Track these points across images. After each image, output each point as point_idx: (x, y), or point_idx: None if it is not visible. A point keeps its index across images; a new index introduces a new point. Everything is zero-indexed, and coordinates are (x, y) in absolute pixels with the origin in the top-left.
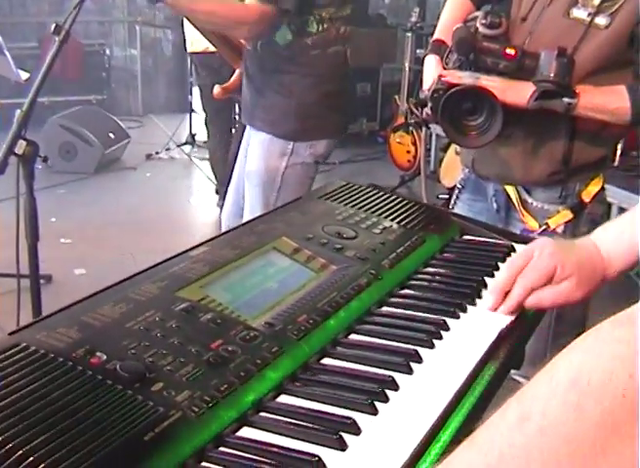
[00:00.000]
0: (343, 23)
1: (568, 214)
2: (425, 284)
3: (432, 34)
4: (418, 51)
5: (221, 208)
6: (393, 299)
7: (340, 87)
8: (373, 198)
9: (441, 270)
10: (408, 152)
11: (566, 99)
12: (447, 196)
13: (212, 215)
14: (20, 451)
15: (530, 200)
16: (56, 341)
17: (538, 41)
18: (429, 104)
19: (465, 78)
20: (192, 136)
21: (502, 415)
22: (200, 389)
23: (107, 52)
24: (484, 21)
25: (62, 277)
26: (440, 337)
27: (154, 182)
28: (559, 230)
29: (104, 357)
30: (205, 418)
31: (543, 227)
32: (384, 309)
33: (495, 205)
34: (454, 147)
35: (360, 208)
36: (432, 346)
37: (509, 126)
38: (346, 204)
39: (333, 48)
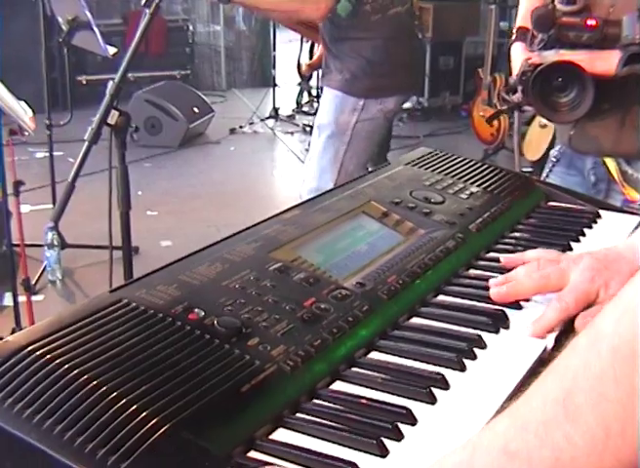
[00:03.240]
0: None
1: None
2: (512, 248)
3: (516, 6)
4: (501, 23)
5: None
6: (480, 262)
7: (406, 46)
8: (459, 165)
9: (526, 235)
10: (491, 126)
11: None
12: (530, 169)
13: (295, 188)
14: (124, 400)
15: (630, 171)
16: (155, 298)
17: (622, 11)
18: (520, 88)
19: (551, 56)
20: (276, 109)
21: (576, 341)
22: (294, 344)
23: (191, 28)
24: None
25: (149, 248)
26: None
27: (238, 156)
28: None
29: (202, 313)
30: (299, 372)
31: None
32: (472, 272)
33: (592, 178)
34: (537, 121)
35: (447, 174)
36: (520, 307)
37: (604, 99)
38: (433, 170)
39: (392, 10)
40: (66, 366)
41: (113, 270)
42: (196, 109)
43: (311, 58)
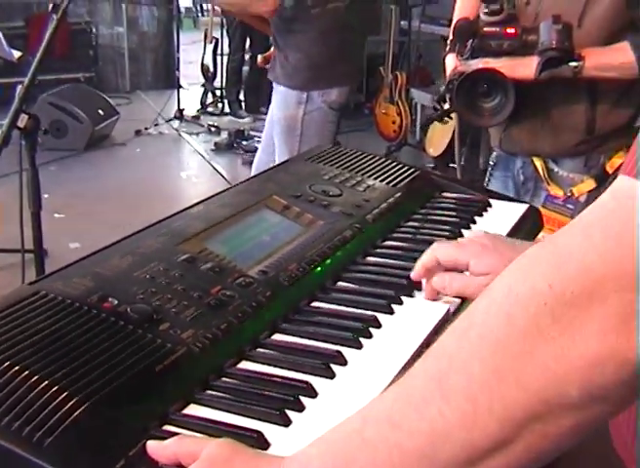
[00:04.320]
0: None
1: (592, 184)
2: (406, 236)
3: (416, 6)
4: (402, 22)
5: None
6: (376, 250)
7: (344, 39)
8: (356, 160)
9: (421, 224)
10: (393, 123)
11: (572, 64)
12: (432, 165)
13: (203, 189)
14: (46, 382)
15: (556, 169)
16: (71, 289)
17: (545, 19)
18: (447, 95)
19: (475, 65)
20: (180, 111)
21: (453, 328)
22: (202, 328)
23: (94, 30)
24: (485, 10)
25: (58, 251)
26: (419, 284)
27: (144, 158)
28: (582, 199)
29: (116, 302)
30: (208, 353)
31: (568, 195)
32: (368, 259)
33: (521, 177)
34: None
35: (345, 168)
36: (412, 292)
37: (527, 103)
38: (332, 165)
39: (331, 4)
40: None
41: (18, 273)
42: (101, 112)
43: (214, 58)
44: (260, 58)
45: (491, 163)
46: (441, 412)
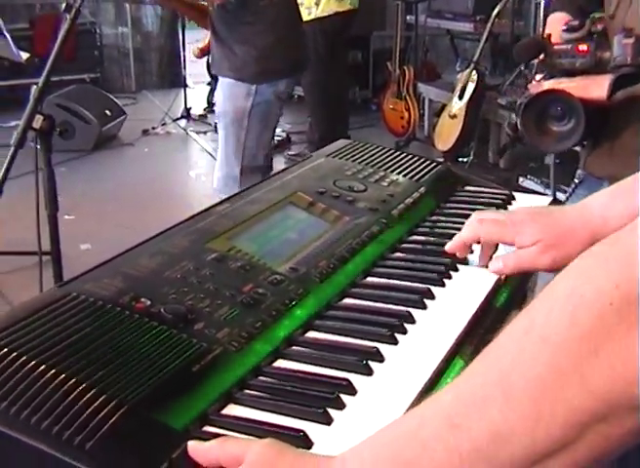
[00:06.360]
0: None
1: None
2: (432, 230)
3: (421, 0)
4: (408, 17)
5: None
6: (404, 245)
7: (292, 30)
8: (378, 154)
9: (446, 218)
10: (401, 118)
11: None
12: (442, 159)
13: (211, 187)
14: (84, 385)
15: None
16: (102, 290)
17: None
18: (518, 119)
19: (547, 86)
20: (187, 109)
21: (512, 328)
22: (237, 327)
23: (98, 30)
24: (564, 27)
25: (69, 252)
26: (450, 277)
27: (152, 157)
28: None
29: (148, 302)
30: (244, 352)
31: None
32: (397, 254)
33: None
34: (447, 112)
35: (367, 163)
36: (443, 285)
37: (610, 124)
38: (354, 160)
39: None
40: (25, 357)
41: (32, 275)
42: (108, 112)
43: None
44: (194, 49)
45: (576, 180)
46: (502, 413)
